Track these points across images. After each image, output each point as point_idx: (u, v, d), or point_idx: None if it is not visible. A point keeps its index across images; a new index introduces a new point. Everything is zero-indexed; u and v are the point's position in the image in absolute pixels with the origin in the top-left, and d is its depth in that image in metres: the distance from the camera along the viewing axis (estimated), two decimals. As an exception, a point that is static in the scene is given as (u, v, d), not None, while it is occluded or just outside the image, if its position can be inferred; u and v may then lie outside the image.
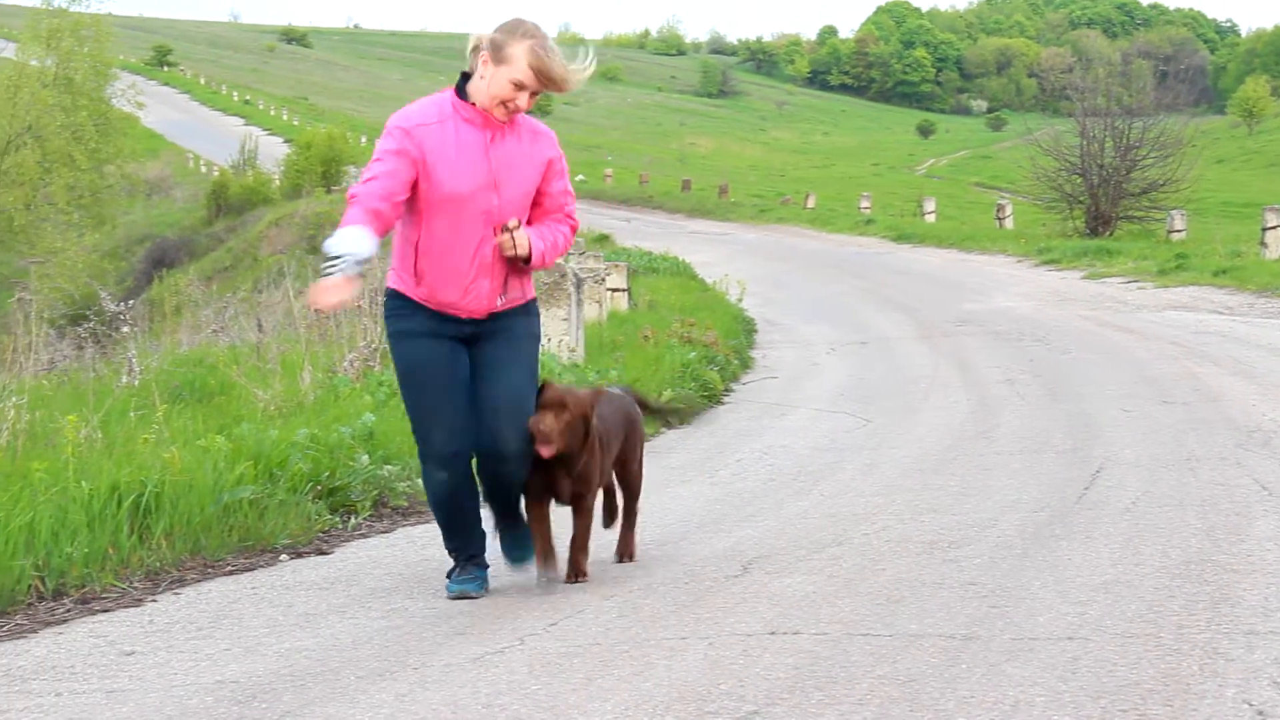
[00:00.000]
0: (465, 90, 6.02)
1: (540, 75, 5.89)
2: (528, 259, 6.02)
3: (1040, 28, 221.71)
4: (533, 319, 6.36)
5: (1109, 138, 36.15)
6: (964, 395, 12.34)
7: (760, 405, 12.41)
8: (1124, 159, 35.92)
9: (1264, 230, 26.35)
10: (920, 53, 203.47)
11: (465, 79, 6.04)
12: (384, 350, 12.40)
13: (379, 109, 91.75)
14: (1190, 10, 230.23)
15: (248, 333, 15.32)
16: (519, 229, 5.98)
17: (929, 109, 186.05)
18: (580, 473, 6.16)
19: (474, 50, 6.00)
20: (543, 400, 6.03)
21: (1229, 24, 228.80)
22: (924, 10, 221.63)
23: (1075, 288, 23.80)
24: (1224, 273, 23.49)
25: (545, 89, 5.98)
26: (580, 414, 6.04)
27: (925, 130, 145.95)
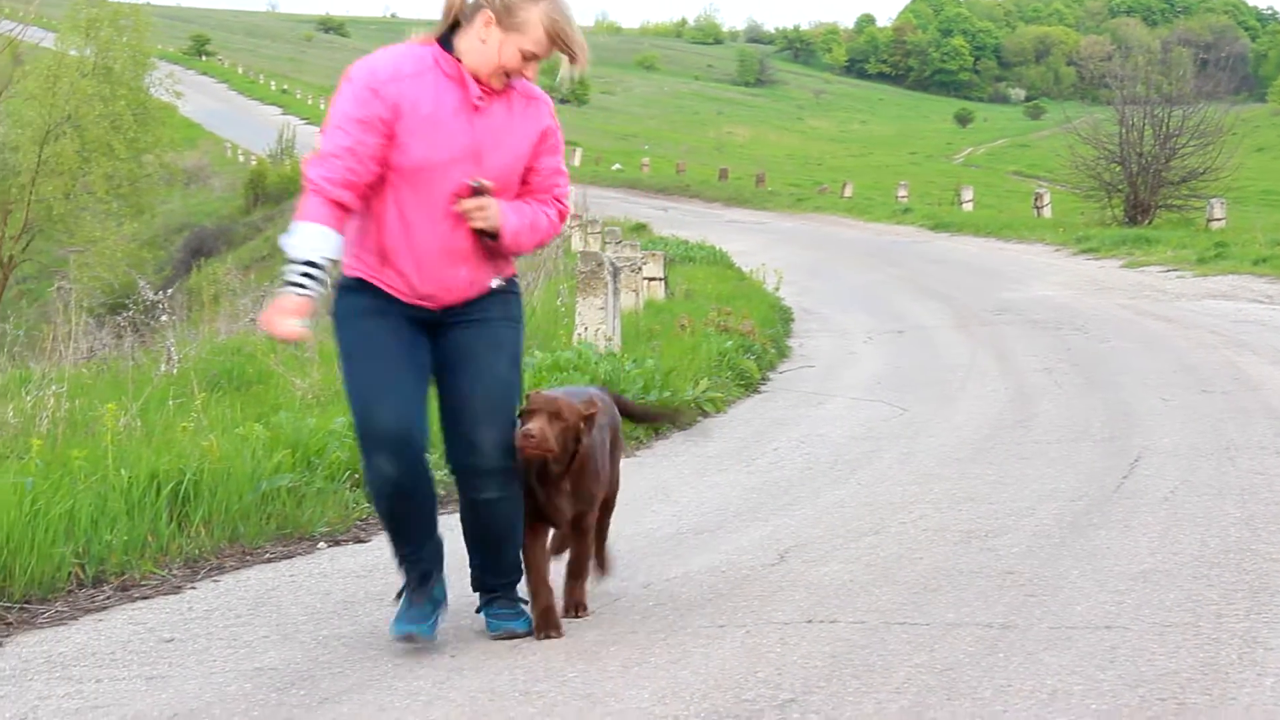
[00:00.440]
0: (451, 44, 5.09)
1: (557, 41, 5.04)
2: (496, 235, 5.10)
3: (1079, 15, 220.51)
4: (511, 301, 5.36)
5: (1148, 126, 35.92)
6: (1001, 384, 12.29)
7: (797, 394, 12.39)
8: (1163, 147, 35.69)
9: (1305, 219, 26.17)
10: (958, 41, 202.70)
11: (452, 29, 5.11)
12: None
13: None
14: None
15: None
16: (488, 194, 5.06)
17: (967, 98, 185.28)
18: (581, 489, 5.34)
19: (475, 5, 5.06)
20: (531, 405, 5.16)
21: (1270, 11, 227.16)
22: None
23: (1114, 276, 23.68)
24: (1264, 261, 23.32)
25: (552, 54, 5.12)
26: (575, 423, 5.20)
27: (963, 119, 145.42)
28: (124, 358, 13.49)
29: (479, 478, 5.17)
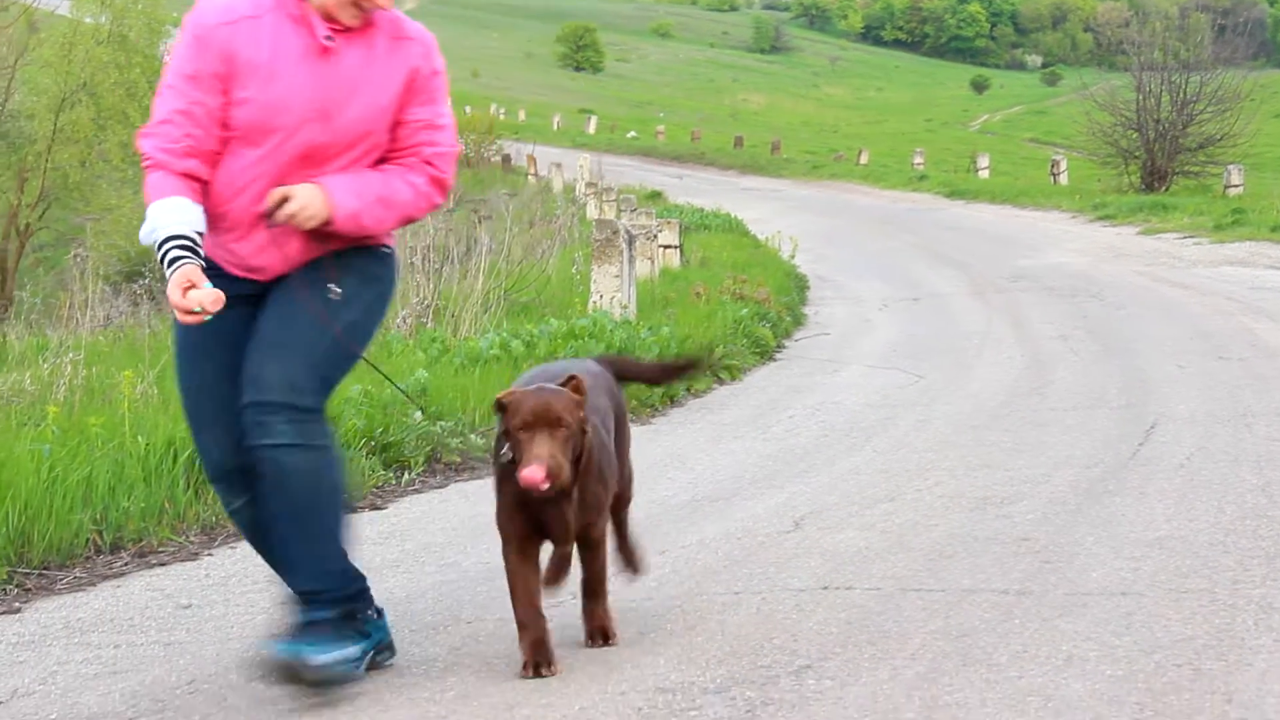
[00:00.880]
0: None
1: None
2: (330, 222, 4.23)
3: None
4: (361, 255, 4.42)
5: (1165, 92, 35.76)
6: (1017, 351, 12.28)
7: (813, 361, 12.39)
8: (1180, 114, 35.53)
9: (1323, 185, 26.08)
10: (974, 7, 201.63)
11: None
12: (437, 306, 12.44)
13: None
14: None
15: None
16: (292, 199, 4.19)
17: (983, 64, 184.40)
18: (587, 496, 4.42)
19: None
20: (521, 417, 4.19)
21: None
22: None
23: (1130, 243, 23.62)
24: (1281, 228, 23.28)
25: None
26: (579, 418, 4.26)
27: (979, 86, 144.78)
28: (140, 325, 13.51)
29: (263, 416, 4.20)
